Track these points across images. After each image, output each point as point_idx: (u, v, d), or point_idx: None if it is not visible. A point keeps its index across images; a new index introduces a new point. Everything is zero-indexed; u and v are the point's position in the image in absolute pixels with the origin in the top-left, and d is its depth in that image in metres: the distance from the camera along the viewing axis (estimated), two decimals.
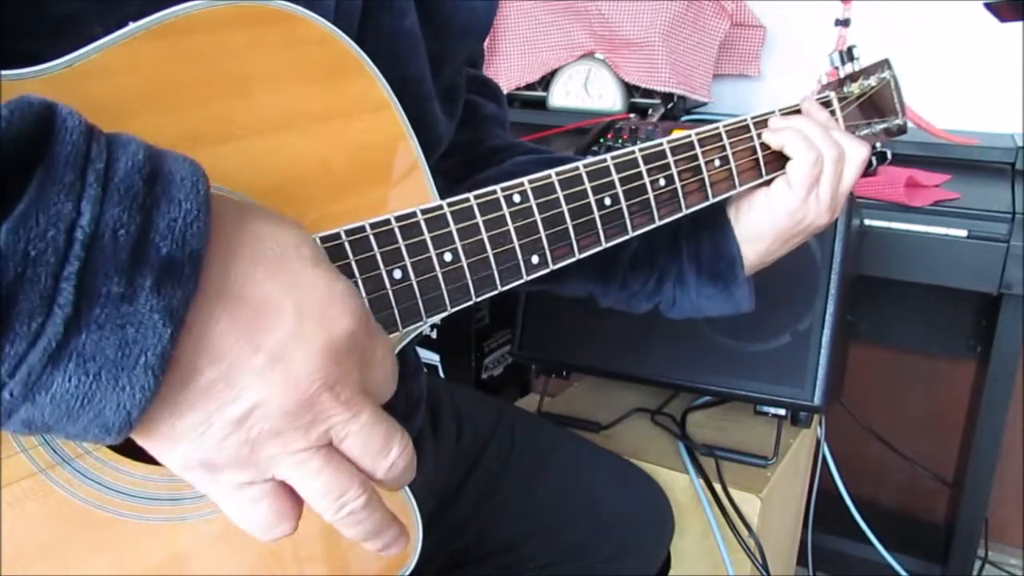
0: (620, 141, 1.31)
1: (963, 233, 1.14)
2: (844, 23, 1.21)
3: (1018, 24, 1.25)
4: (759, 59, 1.66)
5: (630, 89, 1.57)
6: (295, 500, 0.39)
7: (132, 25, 0.41)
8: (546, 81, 1.64)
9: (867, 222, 1.18)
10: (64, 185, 0.31)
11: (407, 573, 0.54)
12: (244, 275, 0.36)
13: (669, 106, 1.54)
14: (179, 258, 0.33)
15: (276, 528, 0.39)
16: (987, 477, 1.27)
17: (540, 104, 1.64)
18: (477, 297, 0.53)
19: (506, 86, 1.65)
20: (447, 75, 0.70)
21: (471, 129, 0.80)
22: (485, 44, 1.61)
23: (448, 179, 0.74)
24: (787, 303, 1.08)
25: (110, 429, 0.33)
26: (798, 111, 0.76)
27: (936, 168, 1.24)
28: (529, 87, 1.65)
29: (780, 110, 0.74)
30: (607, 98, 1.58)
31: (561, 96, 1.62)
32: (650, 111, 1.53)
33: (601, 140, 1.33)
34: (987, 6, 0.92)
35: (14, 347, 0.30)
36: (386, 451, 0.40)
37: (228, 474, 0.37)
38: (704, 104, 1.65)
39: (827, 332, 1.06)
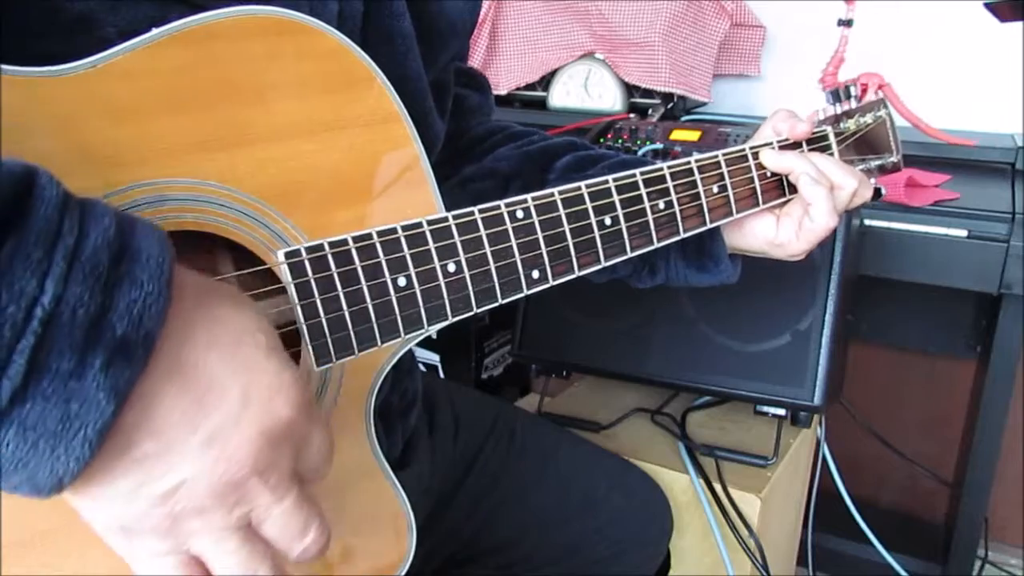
0: (620, 141, 1.31)
1: (963, 233, 1.14)
2: (847, 23, 1.19)
3: (1018, 24, 1.25)
4: (759, 59, 1.66)
5: (630, 89, 1.57)
6: (204, 572, 0.39)
7: (155, 30, 0.42)
8: (546, 81, 1.64)
9: (867, 222, 1.18)
10: (32, 261, 0.32)
11: (402, 574, 0.54)
12: (196, 356, 0.37)
13: (669, 106, 1.54)
14: (133, 340, 0.34)
15: None
16: (987, 477, 1.27)
17: (540, 104, 1.64)
18: (478, 308, 0.55)
19: (506, 86, 1.65)
20: (436, 74, 0.71)
21: (455, 121, 0.81)
22: (484, 45, 1.63)
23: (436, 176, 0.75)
24: (787, 303, 1.08)
25: (40, 489, 0.34)
26: (823, 146, 0.78)
27: (936, 168, 1.24)
28: (529, 87, 1.65)
29: (778, 142, 0.75)
30: (607, 98, 1.58)
31: (561, 96, 1.62)
32: (650, 111, 1.53)
33: (601, 140, 1.33)
34: (987, 6, 0.93)
35: None
36: (302, 536, 0.40)
37: (146, 542, 0.38)
38: (704, 104, 1.65)
39: (827, 332, 1.06)
